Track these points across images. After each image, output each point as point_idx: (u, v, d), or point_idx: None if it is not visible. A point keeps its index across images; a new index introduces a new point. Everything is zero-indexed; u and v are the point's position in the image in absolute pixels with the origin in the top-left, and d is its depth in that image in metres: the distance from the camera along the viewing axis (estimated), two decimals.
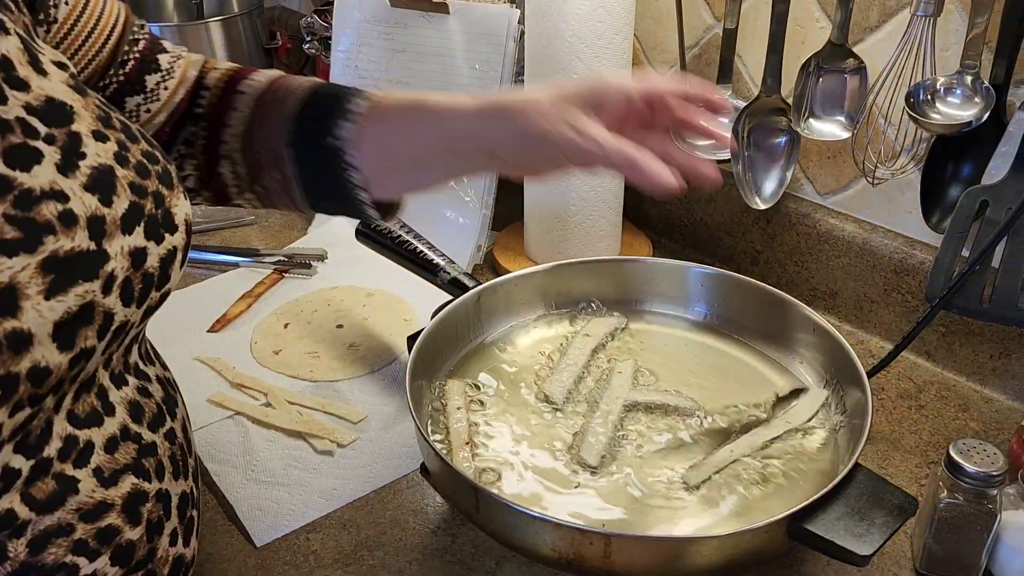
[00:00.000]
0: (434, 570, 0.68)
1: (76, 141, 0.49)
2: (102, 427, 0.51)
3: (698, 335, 0.84)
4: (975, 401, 0.84)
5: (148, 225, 0.50)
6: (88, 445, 0.50)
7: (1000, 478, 0.62)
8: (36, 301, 0.44)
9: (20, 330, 0.43)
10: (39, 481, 0.48)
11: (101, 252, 0.47)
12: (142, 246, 0.50)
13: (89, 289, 0.47)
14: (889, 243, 0.90)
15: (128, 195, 0.50)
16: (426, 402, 0.75)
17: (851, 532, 0.56)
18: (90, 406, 0.51)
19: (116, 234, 0.48)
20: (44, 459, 0.48)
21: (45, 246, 0.45)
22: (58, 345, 0.45)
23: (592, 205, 0.99)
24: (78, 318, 0.46)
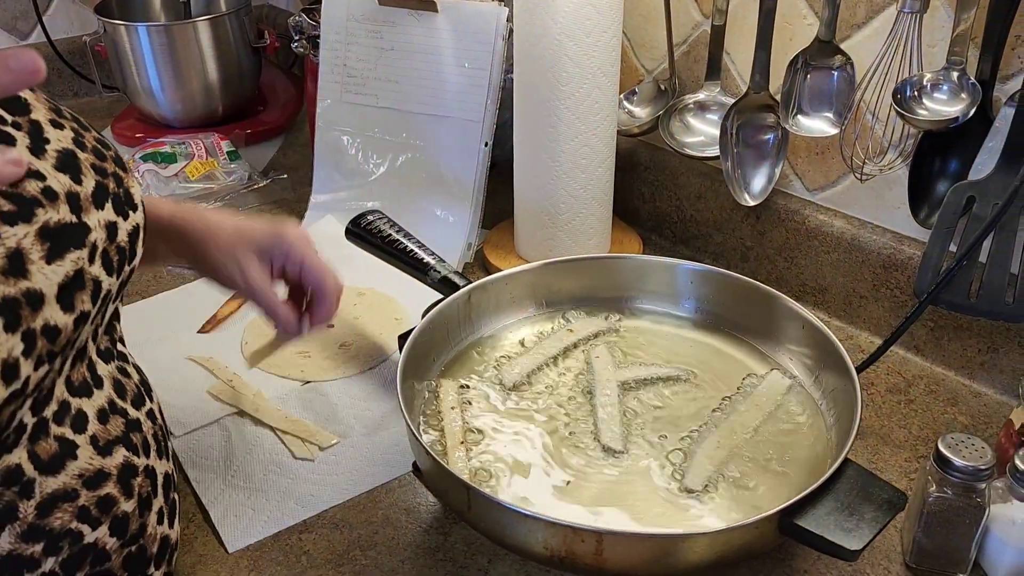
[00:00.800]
0: (426, 568, 0.68)
1: (38, 128, 0.52)
2: (92, 398, 0.55)
3: (688, 331, 0.84)
4: (964, 395, 0.85)
5: (115, 202, 0.55)
6: (80, 413, 0.54)
7: (988, 472, 0.62)
8: (40, 265, 0.48)
9: (34, 290, 0.48)
10: (42, 440, 0.52)
11: (83, 224, 0.51)
12: (113, 220, 0.54)
13: (79, 256, 0.51)
14: (877, 239, 0.91)
15: (93, 175, 0.53)
16: (418, 401, 0.75)
17: (841, 527, 0.57)
18: (82, 376, 0.55)
19: (91, 209, 0.52)
20: (43, 419, 0.52)
21: (38, 217, 0.49)
22: (62, 306, 0.49)
23: (582, 203, 0.99)
24: (74, 282, 0.50)
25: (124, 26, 1.32)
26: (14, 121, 0.51)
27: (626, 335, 0.84)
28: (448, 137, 1.09)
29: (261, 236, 0.72)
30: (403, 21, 1.07)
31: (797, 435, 0.72)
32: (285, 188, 1.25)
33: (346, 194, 1.15)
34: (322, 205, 1.16)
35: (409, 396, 0.72)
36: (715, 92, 0.99)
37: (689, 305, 0.85)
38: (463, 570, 0.68)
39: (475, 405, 0.76)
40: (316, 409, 0.85)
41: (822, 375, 0.75)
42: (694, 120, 1.00)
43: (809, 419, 0.73)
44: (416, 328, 0.76)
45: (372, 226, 0.89)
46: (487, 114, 1.05)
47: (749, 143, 0.95)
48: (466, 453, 0.70)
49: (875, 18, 0.85)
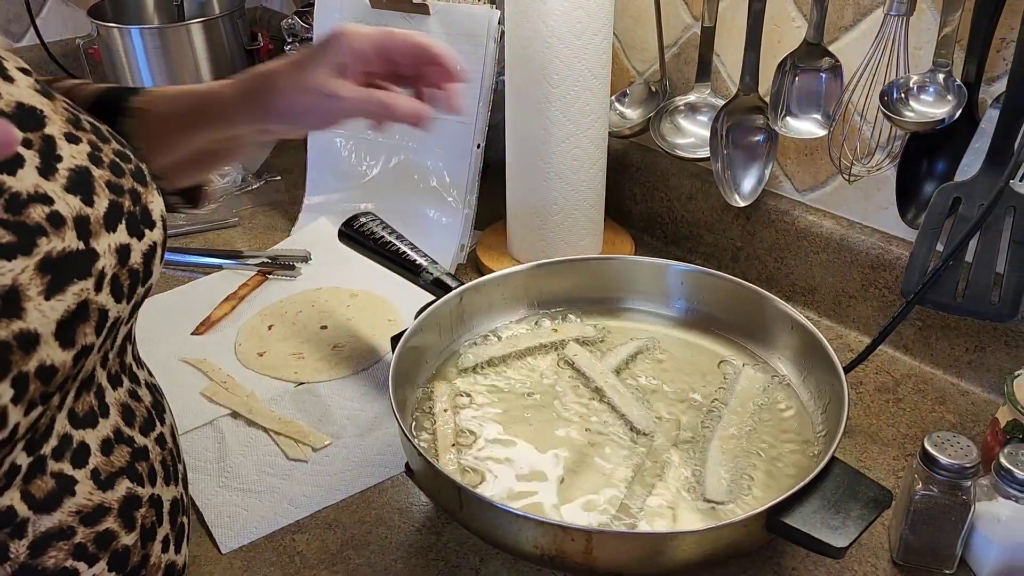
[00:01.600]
0: (419, 568, 0.69)
1: (51, 144, 0.49)
2: (96, 428, 0.52)
3: (678, 331, 0.85)
4: (952, 394, 0.86)
5: (129, 222, 0.52)
6: (82, 446, 0.51)
7: (973, 470, 0.63)
8: (38, 302, 0.45)
9: (27, 330, 0.45)
10: (37, 479, 0.49)
11: (90, 251, 0.49)
12: (126, 243, 0.51)
13: (84, 287, 0.48)
14: (866, 239, 0.91)
15: (107, 194, 0.51)
16: (411, 403, 0.76)
17: (827, 525, 0.57)
18: (88, 406, 0.52)
19: (101, 232, 0.49)
20: (40, 456, 0.49)
21: (39, 247, 0.46)
22: (60, 343, 0.47)
23: (574, 204, 1.00)
24: (77, 316, 0.47)
25: (117, 28, 1.33)
26: (25, 138, 0.48)
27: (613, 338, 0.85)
28: (441, 139, 1.09)
29: (318, 50, 0.63)
30: (395, 24, 1.08)
31: (787, 434, 0.73)
32: (279, 190, 1.26)
33: (339, 196, 1.15)
34: (315, 207, 1.16)
35: (401, 397, 0.72)
36: (705, 94, 1.00)
37: (679, 305, 0.86)
38: (455, 569, 0.68)
39: (468, 406, 0.77)
40: (309, 410, 0.85)
41: (811, 374, 0.76)
42: (685, 122, 1.01)
43: (797, 418, 0.74)
44: (408, 330, 0.77)
45: (365, 228, 0.90)
46: (479, 116, 1.06)
47: (739, 144, 0.95)
48: (458, 454, 0.71)
49: (862, 21, 0.86)
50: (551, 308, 0.87)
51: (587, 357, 0.80)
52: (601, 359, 0.80)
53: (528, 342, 0.83)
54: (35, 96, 0.51)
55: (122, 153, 0.54)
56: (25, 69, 0.52)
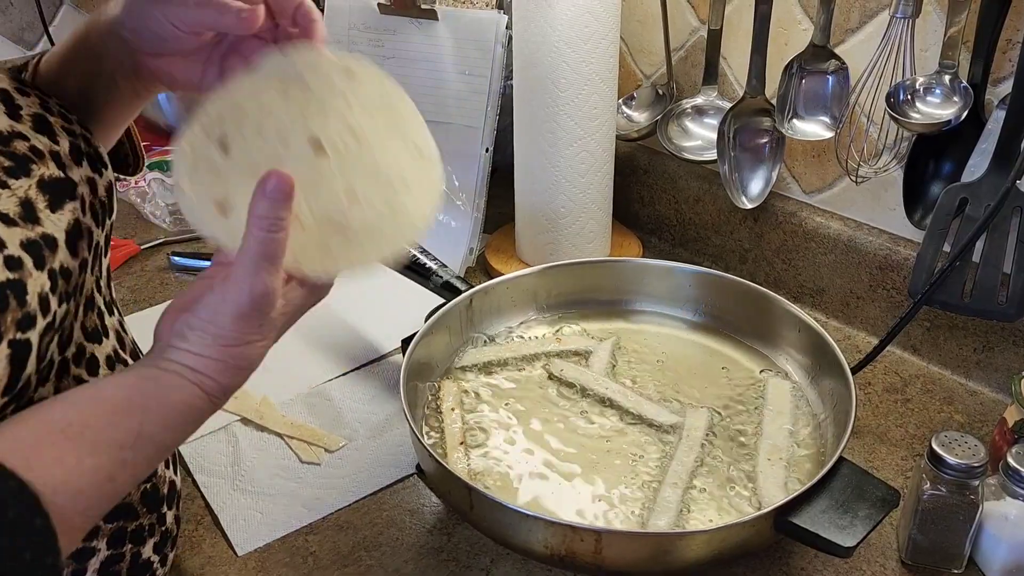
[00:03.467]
0: (430, 568, 0.69)
1: (7, 96, 0.54)
2: (102, 345, 0.58)
3: (687, 333, 0.86)
4: (960, 394, 0.86)
5: (89, 160, 0.56)
6: (93, 358, 0.57)
7: (981, 469, 0.63)
8: (47, 214, 0.51)
9: (48, 235, 0.50)
10: (64, 379, 0.54)
11: (69, 179, 0.53)
12: (91, 176, 0.56)
13: (75, 207, 0.53)
14: (873, 240, 0.92)
15: (65, 136, 0.55)
16: (420, 403, 0.77)
17: (835, 524, 0.58)
18: (94, 323, 0.58)
19: (72, 166, 0.54)
20: (65, 359, 0.54)
21: (34, 171, 0.51)
22: (70, 252, 0.52)
23: (582, 207, 1.01)
24: (75, 230, 0.53)
25: None
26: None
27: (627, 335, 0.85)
28: (449, 143, 1.09)
29: None
30: (404, 29, 1.09)
31: (796, 435, 0.73)
32: None
33: None
34: None
35: (412, 398, 0.73)
36: (712, 96, 1.00)
37: (687, 308, 0.87)
38: (466, 570, 0.69)
39: (477, 406, 0.77)
40: (321, 413, 0.86)
41: (819, 375, 0.77)
42: (692, 124, 1.01)
43: (806, 419, 0.75)
44: (419, 332, 0.78)
45: None
46: (487, 120, 1.07)
47: (746, 147, 0.96)
48: (465, 453, 0.72)
49: (868, 23, 0.86)
50: (560, 310, 0.88)
51: (574, 369, 0.80)
52: (588, 367, 0.81)
53: (533, 348, 0.83)
54: None
55: (63, 105, 0.58)
56: None
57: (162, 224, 1.19)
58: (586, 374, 0.79)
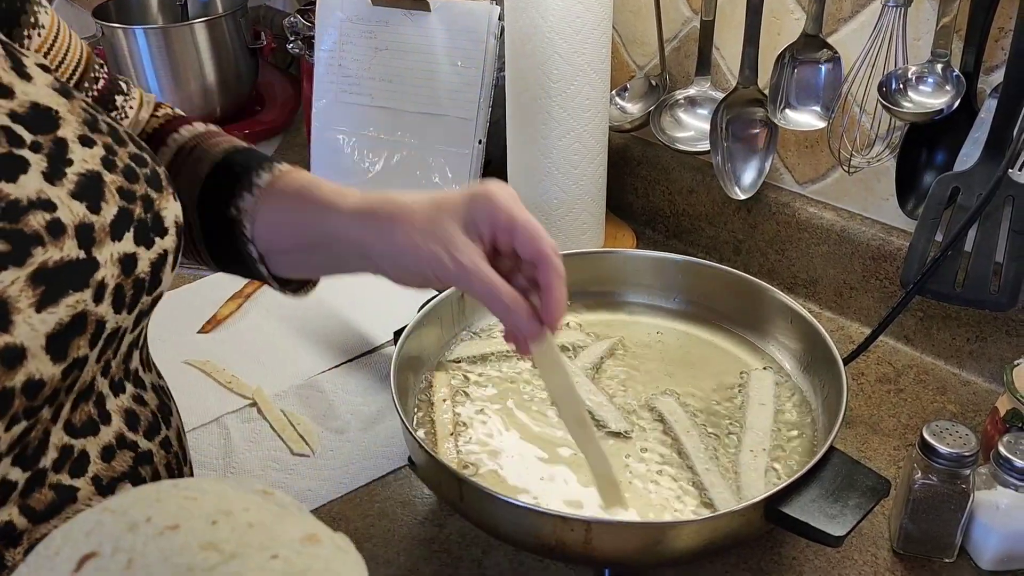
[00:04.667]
0: (421, 560, 0.69)
1: (62, 147, 0.48)
2: (98, 436, 0.51)
3: (679, 324, 0.85)
4: (953, 384, 0.86)
5: (138, 230, 0.50)
6: (83, 454, 0.50)
7: (972, 458, 0.63)
8: (28, 315, 0.43)
9: (13, 345, 0.42)
10: (36, 492, 0.47)
11: (91, 260, 0.46)
12: (132, 252, 0.49)
13: (80, 299, 0.46)
14: (867, 230, 0.91)
15: (116, 200, 0.49)
16: (412, 394, 0.77)
17: (825, 514, 0.58)
18: (87, 415, 0.50)
19: (106, 241, 0.47)
20: (40, 470, 0.47)
21: (34, 258, 0.44)
22: (51, 357, 0.44)
23: (575, 198, 1.00)
24: (70, 328, 0.45)
25: (122, 29, 1.33)
26: (33, 141, 0.46)
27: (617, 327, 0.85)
28: (442, 135, 1.10)
29: (462, 200, 0.55)
30: (396, 21, 1.08)
31: (789, 425, 0.73)
32: None
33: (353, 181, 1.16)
34: None
35: (403, 389, 0.73)
36: (705, 87, 1.00)
37: (680, 298, 0.86)
38: (458, 561, 0.69)
39: (468, 397, 0.77)
40: (313, 405, 0.86)
41: (811, 366, 0.76)
42: (685, 115, 1.01)
43: (798, 409, 0.74)
44: (410, 323, 0.77)
45: None
46: (480, 112, 1.06)
47: (739, 137, 0.96)
48: (455, 444, 0.72)
49: (861, 12, 0.86)
50: None
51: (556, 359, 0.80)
52: (573, 360, 0.80)
53: None
54: (52, 95, 0.49)
55: (139, 157, 0.52)
56: (45, 66, 0.51)
57: None
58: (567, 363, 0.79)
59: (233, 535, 0.38)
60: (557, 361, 0.56)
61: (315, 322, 0.98)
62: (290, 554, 0.39)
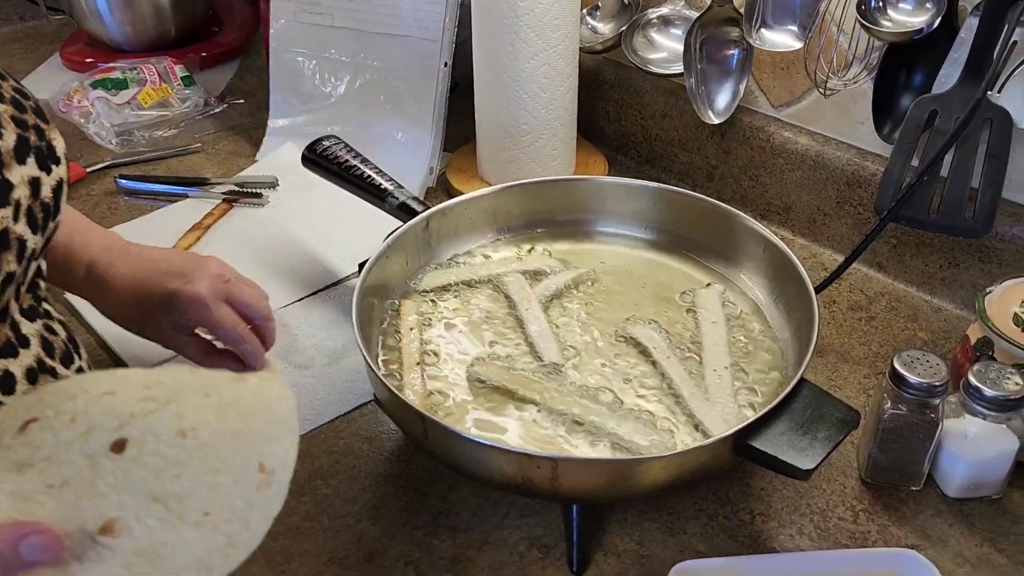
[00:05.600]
0: (388, 496, 0.68)
1: None
2: (18, 358, 0.53)
3: (650, 253, 0.83)
4: (924, 311, 0.85)
5: (37, 156, 0.51)
6: (7, 374, 0.52)
7: (942, 388, 0.63)
8: None
9: None
10: None
11: (5, 180, 0.48)
12: (37, 176, 0.51)
13: (3, 216, 0.48)
14: (842, 155, 0.89)
15: (13, 128, 0.50)
16: (377, 324, 0.75)
17: (794, 447, 0.57)
18: (5, 337, 0.52)
19: (13, 164, 0.49)
20: None
21: None
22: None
23: (544, 124, 0.97)
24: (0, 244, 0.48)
25: None
26: None
27: (587, 255, 0.83)
28: (407, 57, 1.05)
29: (166, 299, 0.68)
30: None
31: (759, 354, 0.72)
32: (243, 113, 1.22)
33: (304, 119, 1.12)
34: (280, 131, 1.13)
35: (367, 319, 0.71)
36: (679, 5, 0.96)
37: (650, 227, 0.84)
38: (423, 496, 0.68)
39: (435, 326, 0.75)
40: (276, 340, 0.84)
41: (782, 295, 0.75)
42: (658, 35, 0.98)
43: (768, 339, 0.73)
44: (373, 256, 0.75)
45: (328, 152, 0.87)
46: (446, 33, 1.02)
47: (713, 59, 0.92)
48: (422, 375, 0.70)
49: None
50: (521, 231, 0.85)
51: (519, 285, 0.78)
52: (534, 287, 0.78)
53: (494, 269, 0.81)
54: None
55: (20, 91, 0.54)
56: None
57: (108, 145, 1.14)
58: (523, 291, 0.77)
59: (166, 391, 0.44)
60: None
61: (278, 254, 0.95)
62: (222, 389, 0.46)
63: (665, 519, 0.66)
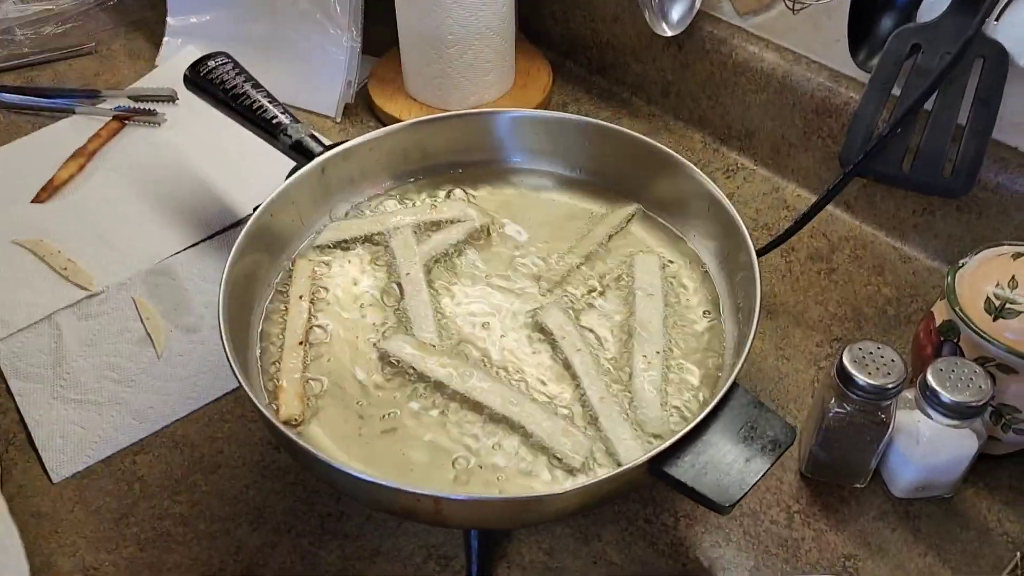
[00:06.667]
0: (274, 494, 0.61)
1: None
2: None
3: (577, 200, 0.73)
4: (892, 260, 0.76)
5: None
6: None
7: (895, 390, 0.55)
8: None
9: None
10: None
11: None
12: None
13: None
14: (812, 77, 0.77)
15: None
16: (265, 286, 0.65)
17: (717, 473, 0.49)
18: None
19: None
20: None
21: None
22: None
23: (474, 32, 0.84)
24: None
25: None
26: None
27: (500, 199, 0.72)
28: None
29: None
30: None
31: (699, 333, 0.63)
32: (144, 6, 1.07)
33: (209, 18, 0.98)
34: (180, 31, 0.99)
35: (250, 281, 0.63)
36: None
37: (580, 169, 0.73)
38: (314, 495, 0.61)
39: (331, 292, 0.66)
40: (163, 296, 0.75)
41: (727, 260, 0.65)
42: None
43: (711, 314, 0.64)
44: (261, 206, 0.65)
45: (213, 75, 0.75)
46: None
47: None
48: (304, 356, 0.61)
49: None
50: (434, 174, 0.74)
51: (404, 243, 0.68)
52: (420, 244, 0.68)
53: (404, 219, 0.70)
54: None
55: None
56: None
57: None
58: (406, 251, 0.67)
59: None
60: None
61: (171, 189, 0.84)
62: None
63: (579, 523, 0.59)
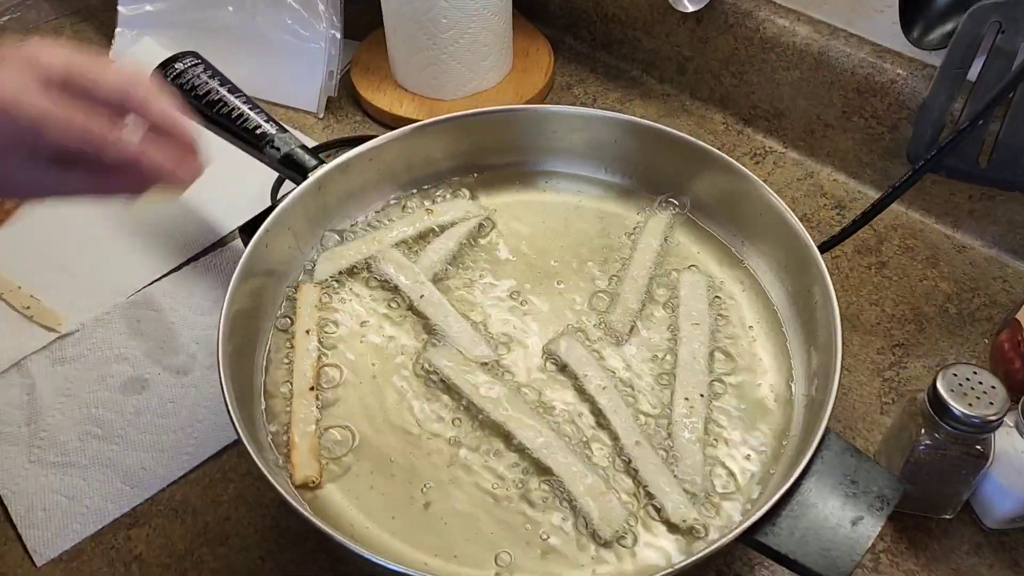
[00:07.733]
0: (293, 565, 0.54)
1: None
2: None
3: (609, 205, 0.65)
4: (946, 250, 0.70)
5: None
6: None
7: (998, 422, 0.48)
8: None
9: None
10: None
11: None
12: None
13: None
14: (852, 53, 0.70)
15: None
16: (270, 316, 0.58)
17: (819, 541, 0.43)
18: None
19: None
20: None
21: None
22: None
23: (470, 14, 0.75)
24: None
25: None
26: None
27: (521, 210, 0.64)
28: None
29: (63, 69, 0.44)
30: None
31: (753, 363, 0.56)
32: None
33: (165, 5, 0.87)
34: (133, 21, 0.88)
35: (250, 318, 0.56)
36: None
37: (614, 169, 0.65)
38: (340, 564, 0.54)
39: (339, 326, 0.58)
40: (146, 332, 0.66)
41: (787, 269, 0.58)
42: None
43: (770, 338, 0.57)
44: (250, 245, 0.57)
45: (182, 79, 0.65)
46: None
47: None
48: (315, 402, 0.53)
49: None
50: (444, 179, 0.66)
51: (396, 264, 0.60)
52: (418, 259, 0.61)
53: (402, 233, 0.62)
54: None
55: None
56: None
57: None
58: (407, 269, 0.60)
59: None
60: None
61: (140, 204, 0.75)
62: None
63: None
